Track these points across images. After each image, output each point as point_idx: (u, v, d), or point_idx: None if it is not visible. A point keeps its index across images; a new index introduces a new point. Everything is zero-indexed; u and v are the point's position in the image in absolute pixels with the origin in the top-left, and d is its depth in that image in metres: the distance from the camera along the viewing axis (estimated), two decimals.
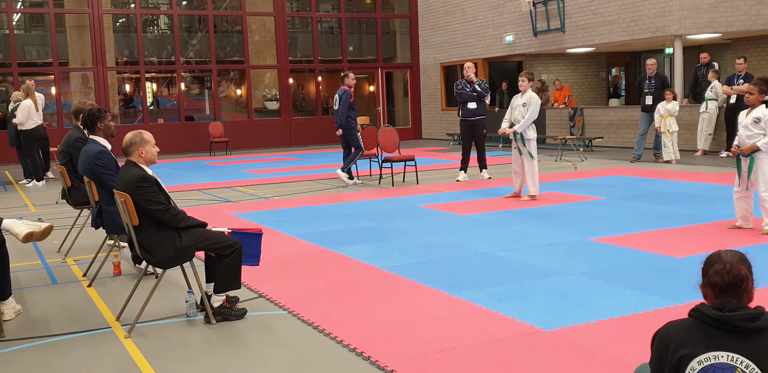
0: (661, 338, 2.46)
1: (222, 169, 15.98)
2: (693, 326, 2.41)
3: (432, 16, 23.29)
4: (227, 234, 5.09)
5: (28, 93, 13.60)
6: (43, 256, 7.40)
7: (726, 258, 2.45)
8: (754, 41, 16.99)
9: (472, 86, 12.04)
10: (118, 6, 22.09)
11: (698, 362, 2.34)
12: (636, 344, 4.12)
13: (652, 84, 14.05)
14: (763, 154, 6.98)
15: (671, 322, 2.49)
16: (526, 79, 9.92)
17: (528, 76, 9.95)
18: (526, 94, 9.90)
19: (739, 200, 7.27)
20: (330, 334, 4.56)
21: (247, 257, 5.13)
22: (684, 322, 2.45)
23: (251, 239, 5.20)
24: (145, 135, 5.03)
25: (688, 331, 2.41)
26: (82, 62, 21.29)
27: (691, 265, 5.93)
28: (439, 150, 19.15)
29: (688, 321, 2.44)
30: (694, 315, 2.43)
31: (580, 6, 17.89)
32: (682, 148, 14.84)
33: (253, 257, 5.22)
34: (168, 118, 22.14)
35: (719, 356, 2.33)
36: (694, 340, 2.37)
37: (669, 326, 2.47)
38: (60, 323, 5.09)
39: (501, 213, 8.86)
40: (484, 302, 5.11)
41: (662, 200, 9.33)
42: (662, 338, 2.45)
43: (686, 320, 2.45)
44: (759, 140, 6.94)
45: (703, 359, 2.34)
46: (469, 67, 12.12)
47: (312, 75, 23.62)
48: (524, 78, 9.94)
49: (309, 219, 8.87)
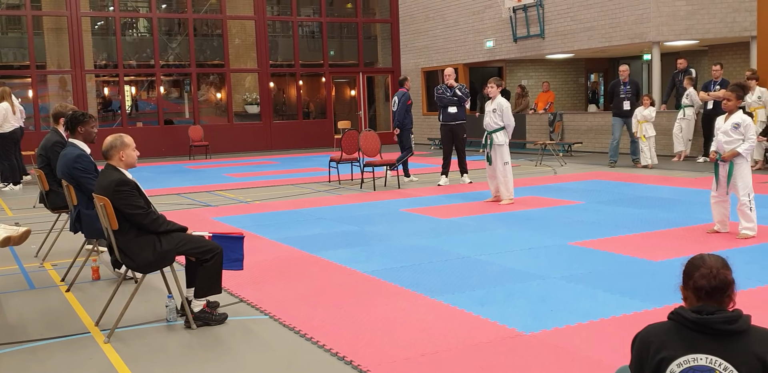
0: (641, 341, 2.48)
1: (202, 173, 15.92)
2: (672, 329, 2.43)
3: (413, 22, 23.35)
4: (208, 238, 5.06)
5: (3, 96, 13.48)
6: (21, 261, 7.33)
7: (710, 262, 2.47)
8: (730, 48, 17.17)
9: (452, 91, 12.08)
10: (97, 8, 21.95)
11: (677, 364, 2.36)
12: (616, 347, 4.15)
13: (627, 90, 14.19)
14: (742, 159, 7.05)
15: (651, 325, 2.51)
16: (495, 85, 10.04)
17: (496, 82, 10.06)
18: (496, 100, 9.99)
19: (716, 204, 7.34)
20: (312, 338, 4.55)
21: (230, 261, 5.11)
22: (663, 325, 2.47)
23: (233, 242, 5.18)
24: (125, 139, 5.01)
25: (667, 334, 2.43)
26: (60, 65, 21.13)
27: (669, 268, 5.98)
28: (421, 154, 19.18)
29: (668, 324, 2.46)
30: (673, 318, 2.45)
31: (559, 12, 18.01)
32: (660, 154, 14.96)
33: (237, 261, 5.19)
34: (147, 122, 22.02)
35: (698, 358, 2.35)
36: (673, 343, 2.39)
37: (649, 329, 2.49)
38: (38, 329, 5.04)
39: (482, 217, 8.88)
40: (466, 305, 5.13)
41: (641, 205, 9.40)
42: (642, 341, 2.47)
43: (665, 323, 2.47)
44: (739, 146, 7.01)
45: (682, 361, 2.36)
46: (450, 74, 12.17)
47: (293, 79, 23.60)
48: (493, 84, 10.06)
49: (290, 223, 8.85)
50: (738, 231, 7.21)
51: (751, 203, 7.08)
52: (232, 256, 5.12)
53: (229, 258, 5.07)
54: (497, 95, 10.02)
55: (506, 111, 9.88)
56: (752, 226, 7.14)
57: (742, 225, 7.18)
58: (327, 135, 23.23)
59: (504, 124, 9.88)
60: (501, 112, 9.88)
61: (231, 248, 5.13)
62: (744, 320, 2.38)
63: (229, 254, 5.06)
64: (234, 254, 5.16)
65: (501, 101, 9.97)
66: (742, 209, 7.12)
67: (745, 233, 7.15)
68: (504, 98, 10.14)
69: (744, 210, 7.11)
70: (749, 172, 7.14)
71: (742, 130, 7.00)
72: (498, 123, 9.89)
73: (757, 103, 13.43)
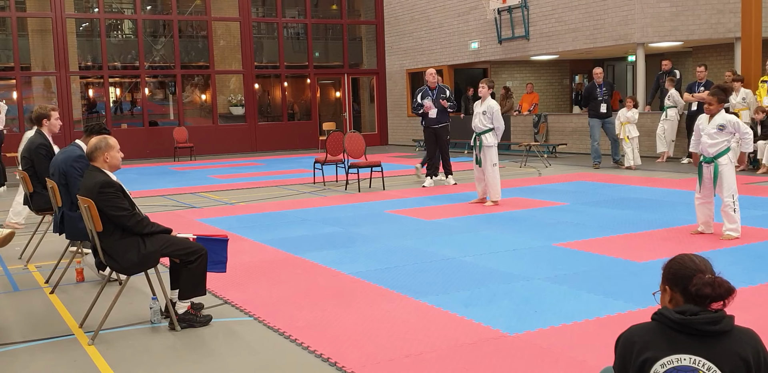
0: (625, 342, 2.49)
1: (186, 174, 15.87)
2: (656, 330, 2.44)
3: (398, 23, 23.38)
4: (192, 240, 5.06)
5: None
6: (5, 262, 7.29)
7: (702, 266, 2.47)
8: (714, 49, 17.29)
9: (434, 94, 12.10)
10: (82, 10, 21.84)
11: (661, 365, 2.37)
12: (600, 348, 4.17)
13: (604, 91, 14.27)
14: (726, 160, 7.10)
15: (634, 326, 2.52)
16: (486, 87, 10.01)
17: (488, 84, 10.03)
18: (486, 102, 9.99)
19: (700, 205, 7.38)
20: (296, 340, 4.55)
21: (213, 263, 5.10)
22: (647, 325, 2.48)
23: (217, 245, 5.17)
24: (110, 140, 4.99)
25: (651, 334, 2.44)
26: (45, 67, 21.02)
27: (653, 270, 6.00)
28: (406, 156, 19.20)
29: (651, 325, 2.47)
30: (657, 319, 2.46)
31: (544, 14, 18.08)
32: (644, 155, 15.05)
33: (220, 264, 5.19)
34: (132, 124, 21.94)
35: (682, 358, 2.36)
36: (657, 343, 2.41)
37: (632, 330, 2.50)
38: (22, 331, 5.02)
39: (467, 219, 8.91)
40: (450, 307, 5.14)
41: (625, 206, 9.45)
42: (626, 342, 2.48)
43: (649, 324, 2.48)
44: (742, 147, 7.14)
45: (666, 361, 2.37)
46: (431, 73, 12.21)
47: (278, 80, 23.57)
48: (484, 85, 10.02)
49: (275, 225, 8.84)
50: (722, 232, 7.27)
51: (735, 205, 7.13)
52: (215, 258, 5.12)
53: (212, 260, 5.06)
54: (487, 96, 10.02)
55: (496, 113, 9.89)
56: (736, 227, 7.19)
57: (725, 226, 7.23)
58: (312, 137, 23.22)
59: (494, 126, 9.89)
60: (491, 115, 9.87)
61: (215, 250, 5.12)
62: (727, 321, 2.39)
63: (212, 257, 5.06)
64: (218, 257, 5.16)
65: (491, 103, 9.97)
66: (726, 210, 7.17)
67: (728, 234, 7.20)
68: (494, 101, 10.15)
69: (728, 211, 7.16)
70: (733, 173, 7.19)
71: (730, 130, 7.04)
72: (487, 125, 9.90)
73: (742, 104, 13.53)
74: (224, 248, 5.22)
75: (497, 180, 9.88)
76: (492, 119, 9.86)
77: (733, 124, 7.06)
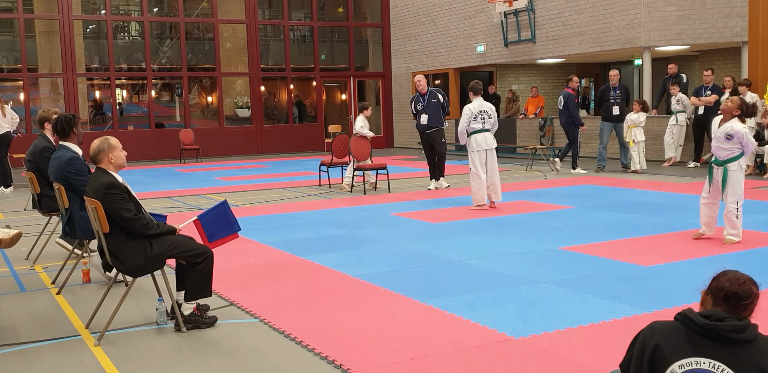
0: (646, 336, 2.46)
1: (192, 176, 15.89)
2: (679, 330, 2.42)
3: (404, 26, 23.39)
4: (196, 222, 5.12)
5: None
6: (11, 263, 7.31)
7: (741, 274, 2.50)
8: (720, 53, 17.26)
9: (426, 99, 12.17)
10: (89, 12, 21.91)
11: (679, 365, 2.36)
12: (606, 352, 4.17)
13: (617, 94, 14.25)
14: (737, 166, 7.09)
15: (657, 322, 2.49)
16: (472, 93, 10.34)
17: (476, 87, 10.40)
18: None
19: (705, 205, 7.36)
20: (301, 342, 4.55)
21: (227, 227, 5.21)
22: (670, 324, 2.46)
23: (220, 209, 5.26)
24: (111, 141, 5.01)
25: (673, 334, 2.42)
26: (52, 68, 21.08)
27: (659, 274, 6.01)
28: (411, 159, 19.20)
29: (674, 324, 2.45)
30: (680, 319, 2.44)
31: (550, 17, 18.08)
32: (651, 159, 15.02)
33: (232, 225, 5.28)
34: (138, 125, 21.98)
35: (701, 362, 2.35)
36: (678, 344, 2.39)
37: (655, 326, 2.47)
38: (28, 331, 5.03)
39: (472, 222, 8.90)
40: (456, 310, 5.14)
41: (631, 210, 9.43)
42: (646, 337, 2.46)
43: (672, 323, 2.45)
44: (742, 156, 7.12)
45: (684, 363, 2.36)
46: (419, 80, 12.33)
47: (284, 83, 23.60)
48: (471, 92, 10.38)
49: (280, 227, 8.85)
50: (723, 236, 7.26)
51: (738, 211, 7.11)
52: (225, 221, 5.20)
53: (226, 225, 5.14)
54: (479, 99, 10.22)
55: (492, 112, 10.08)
56: (737, 232, 7.18)
57: (727, 231, 7.22)
58: (317, 139, 23.24)
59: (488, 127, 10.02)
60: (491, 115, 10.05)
61: (221, 214, 5.20)
62: (752, 329, 2.38)
63: (222, 222, 5.13)
64: (227, 220, 5.25)
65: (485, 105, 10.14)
66: (728, 215, 7.15)
67: (730, 238, 7.19)
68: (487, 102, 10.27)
69: (731, 217, 7.14)
70: (742, 179, 7.14)
71: (736, 139, 7.02)
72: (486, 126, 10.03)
73: None
74: (228, 209, 5.29)
75: (475, 186, 9.87)
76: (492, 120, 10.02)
77: (740, 135, 7.02)
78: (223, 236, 5.29)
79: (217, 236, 5.30)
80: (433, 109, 12.10)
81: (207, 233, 5.24)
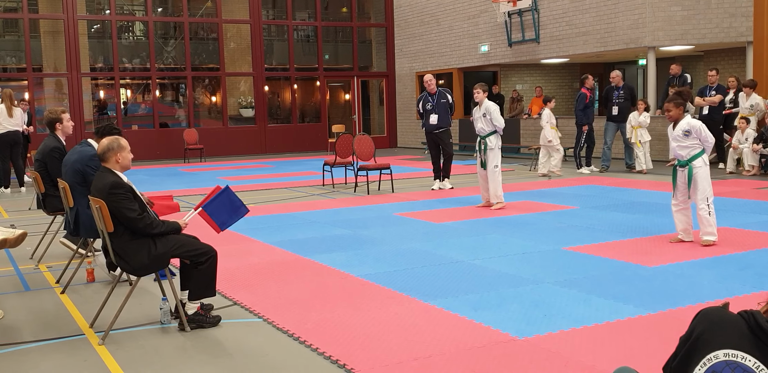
0: (705, 317, 2.43)
1: (196, 176, 15.91)
2: (738, 324, 2.39)
3: (408, 26, 23.39)
4: (201, 213, 5.16)
5: (2, 98, 13.45)
6: (16, 262, 7.33)
7: None
8: (725, 53, 17.24)
9: (435, 99, 12.14)
10: (94, 12, 21.92)
11: (724, 353, 2.32)
12: (609, 352, 4.16)
13: (620, 94, 14.25)
14: (701, 162, 7.03)
15: (722, 309, 2.47)
16: (481, 91, 10.14)
17: (482, 88, 10.18)
18: (484, 105, 10.06)
19: (677, 212, 7.27)
20: (305, 342, 4.55)
21: (234, 211, 5.28)
22: (734, 316, 2.43)
23: (225, 195, 5.30)
24: (121, 141, 5.03)
25: (732, 325, 2.39)
26: (56, 68, 21.11)
27: (663, 274, 6.00)
28: (415, 159, 19.20)
29: (736, 317, 2.42)
30: (744, 317, 2.42)
31: (554, 17, 18.06)
32: (656, 159, 15.00)
33: (240, 207, 5.34)
34: (142, 125, 22.00)
35: (747, 357, 2.33)
36: (732, 335, 2.36)
37: (722, 313, 2.42)
38: (33, 330, 5.04)
39: (476, 222, 8.90)
40: (459, 310, 5.14)
41: (635, 210, 9.42)
42: (706, 317, 2.43)
43: (735, 315, 2.41)
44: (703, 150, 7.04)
45: (730, 353, 2.33)
46: (429, 79, 12.28)
47: (288, 83, 23.61)
48: (479, 90, 10.16)
49: (284, 227, 8.86)
50: (700, 238, 7.17)
51: (709, 208, 7.02)
52: (232, 206, 5.26)
53: (233, 209, 5.24)
54: (484, 100, 10.10)
55: (494, 113, 9.96)
56: (712, 231, 7.09)
57: (702, 231, 7.12)
58: (321, 139, 23.26)
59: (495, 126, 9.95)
60: (490, 115, 9.94)
61: (226, 201, 5.22)
62: None
63: (230, 208, 5.16)
64: (233, 204, 5.31)
65: (488, 105, 10.05)
66: (701, 214, 7.05)
67: (707, 239, 7.09)
68: (491, 101, 10.21)
69: (703, 215, 7.05)
70: (707, 176, 7.06)
71: (695, 135, 6.98)
72: (489, 128, 9.96)
73: (749, 110, 13.46)
74: (231, 193, 5.35)
75: (499, 183, 9.88)
76: (492, 120, 9.93)
77: (697, 129, 6.99)
78: (233, 222, 5.36)
79: (228, 223, 5.35)
80: (442, 110, 12.09)
81: (217, 221, 5.27)
